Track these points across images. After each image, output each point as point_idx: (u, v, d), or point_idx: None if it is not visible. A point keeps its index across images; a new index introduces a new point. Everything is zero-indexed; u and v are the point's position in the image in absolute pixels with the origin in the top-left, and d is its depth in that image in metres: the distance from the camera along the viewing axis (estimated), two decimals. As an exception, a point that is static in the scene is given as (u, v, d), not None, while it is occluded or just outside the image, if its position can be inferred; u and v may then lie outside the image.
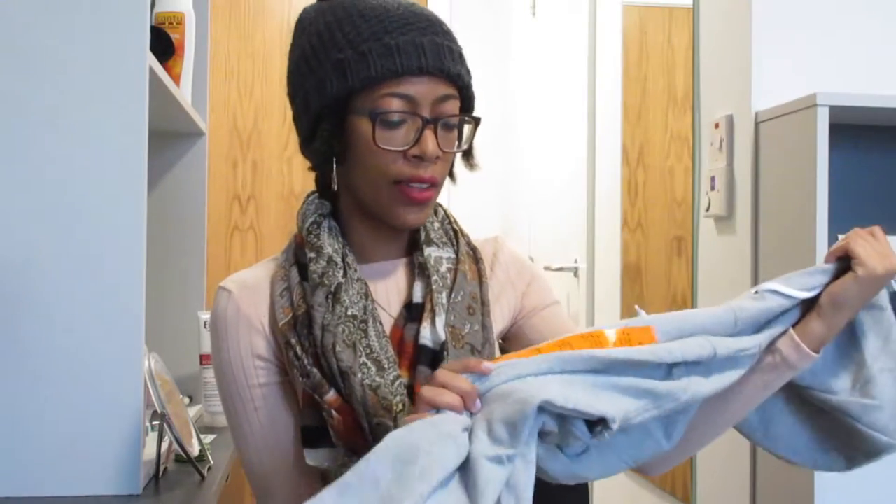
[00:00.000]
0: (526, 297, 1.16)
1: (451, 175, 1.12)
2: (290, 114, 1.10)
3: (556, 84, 3.34)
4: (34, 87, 1.29)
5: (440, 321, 1.03)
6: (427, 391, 0.83)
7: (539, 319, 1.15)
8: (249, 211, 3.38)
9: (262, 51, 3.34)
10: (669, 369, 0.87)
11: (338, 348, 1.00)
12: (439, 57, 1.00)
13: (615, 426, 0.81)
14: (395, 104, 0.98)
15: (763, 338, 0.94)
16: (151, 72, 1.36)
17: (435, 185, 1.03)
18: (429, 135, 0.99)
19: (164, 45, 1.72)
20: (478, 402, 0.84)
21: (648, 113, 2.66)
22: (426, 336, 1.03)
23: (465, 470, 0.79)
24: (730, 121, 1.91)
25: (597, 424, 0.82)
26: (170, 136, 2.05)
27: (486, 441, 0.80)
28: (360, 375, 0.99)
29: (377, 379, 0.99)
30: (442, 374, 0.85)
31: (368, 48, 0.98)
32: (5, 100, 1.29)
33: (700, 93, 2.06)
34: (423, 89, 0.99)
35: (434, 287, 1.05)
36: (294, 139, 1.11)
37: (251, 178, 3.37)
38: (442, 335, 1.03)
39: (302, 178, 3.36)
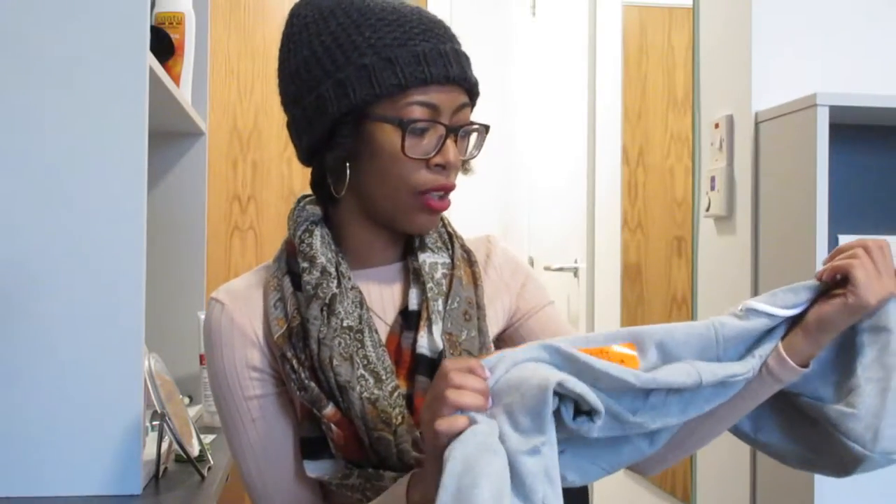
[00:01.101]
0: (521, 299, 1.15)
1: None
2: (291, 114, 1.08)
3: (556, 84, 3.34)
4: (34, 88, 1.29)
5: (437, 329, 1.02)
6: (451, 394, 0.82)
7: (535, 322, 1.15)
8: (249, 211, 3.38)
9: (262, 51, 3.34)
10: (647, 393, 0.86)
11: (335, 362, 0.98)
12: (461, 66, 1.00)
13: (598, 422, 0.81)
14: (420, 112, 0.98)
15: (756, 361, 0.92)
16: (151, 72, 1.35)
17: (449, 192, 1.03)
18: (450, 143, 0.99)
19: (164, 45, 1.72)
20: (490, 398, 0.84)
21: (648, 113, 2.66)
22: (423, 345, 1.02)
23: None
24: (730, 121, 1.91)
25: (580, 415, 0.82)
26: (170, 136, 2.05)
27: (515, 436, 0.80)
28: (358, 389, 0.98)
29: (375, 391, 0.98)
30: (455, 375, 0.83)
31: (395, 55, 0.97)
32: (5, 100, 1.28)
33: (700, 93, 2.06)
34: (446, 98, 0.99)
35: (429, 294, 1.04)
36: (295, 139, 1.09)
37: (251, 178, 3.36)
38: (439, 344, 1.01)
39: (302, 178, 3.36)
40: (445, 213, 1.16)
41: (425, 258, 1.07)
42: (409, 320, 1.05)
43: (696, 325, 0.91)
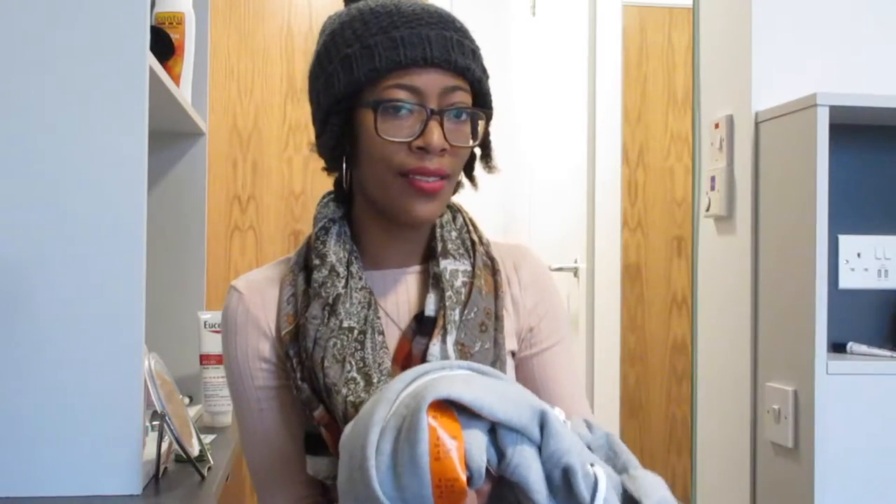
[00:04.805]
0: (535, 332, 1.12)
1: (472, 179, 1.10)
2: (289, 114, 1.11)
3: (556, 84, 3.33)
4: (34, 87, 1.29)
5: (451, 339, 1.01)
6: None
7: (536, 362, 1.12)
8: (249, 211, 3.38)
9: (262, 51, 3.34)
10: None
11: (326, 363, 0.98)
12: (446, 49, 0.99)
13: None
14: (400, 94, 0.97)
15: None
16: (151, 72, 1.35)
17: (444, 177, 1.00)
18: (434, 126, 0.98)
19: (164, 45, 1.72)
20: None
21: (648, 113, 2.66)
22: (435, 353, 1.00)
23: None
24: (730, 121, 1.91)
25: None
26: (170, 136, 2.05)
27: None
28: (344, 391, 0.97)
29: (362, 395, 0.97)
30: None
31: (375, 42, 0.98)
32: (5, 100, 1.28)
33: (700, 93, 2.06)
34: (429, 79, 0.98)
35: (448, 303, 1.03)
36: (294, 139, 1.12)
37: (251, 178, 3.36)
38: (452, 355, 1.00)
39: (302, 178, 3.36)
40: (471, 217, 1.14)
41: (447, 265, 1.06)
42: (423, 326, 1.03)
43: (554, 428, 0.86)
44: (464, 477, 0.80)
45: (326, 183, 1.12)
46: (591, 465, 0.87)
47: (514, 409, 0.84)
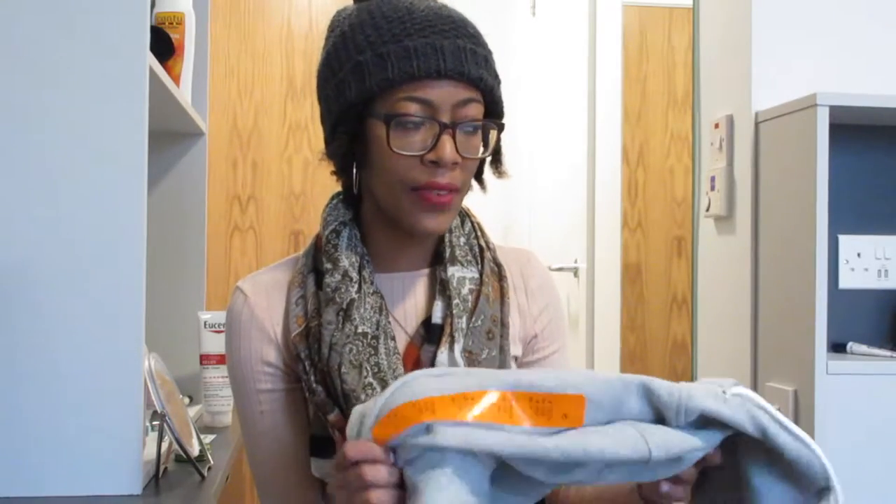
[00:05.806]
0: (538, 339, 1.13)
1: (481, 182, 1.09)
2: (289, 114, 1.09)
3: (556, 84, 3.34)
4: (34, 88, 1.29)
5: (458, 347, 1.01)
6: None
7: (536, 368, 1.13)
8: (249, 211, 3.38)
9: (262, 50, 3.34)
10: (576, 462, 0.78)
11: (343, 369, 0.98)
12: (459, 60, 0.97)
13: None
14: (413, 108, 0.96)
15: (718, 436, 0.80)
16: (151, 72, 1.35)
17: (455, 191, 0.99)
18: (446, 140, 0.96)
19: (164, 45, 1.72)
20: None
21: (648, 113, 2.66)
22: (443, 361, 1.00)
23: None
24: (730, 121, 1.91)
25: None
26: (170, 136, 2.05)
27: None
28: (363, 398, 0.97)
29: None
30: (367, 469, 0.78)
31: (387, 51, 0.96)
32: (5, 100, 1.28)
33: (700, 93, 2.06)
34: (442, 93, 0.96)
35: (455, 311, 1.02)
36: (294, 139, 1.11)
37: (251, 178, 3.36)
38: (460, 362, 1.00)
39: (302, 178, 3.36)
40: (479, 221, 1.14)
41: (454, 272, 1.06)
42: (431, 333, 1.03)
43: (663, 387, 0.81)
44: (387, 446, 0.77)
45: (326, 183, 1.12)
46: (724, 391, 0.80)
47: (602, 384, 0.79)
